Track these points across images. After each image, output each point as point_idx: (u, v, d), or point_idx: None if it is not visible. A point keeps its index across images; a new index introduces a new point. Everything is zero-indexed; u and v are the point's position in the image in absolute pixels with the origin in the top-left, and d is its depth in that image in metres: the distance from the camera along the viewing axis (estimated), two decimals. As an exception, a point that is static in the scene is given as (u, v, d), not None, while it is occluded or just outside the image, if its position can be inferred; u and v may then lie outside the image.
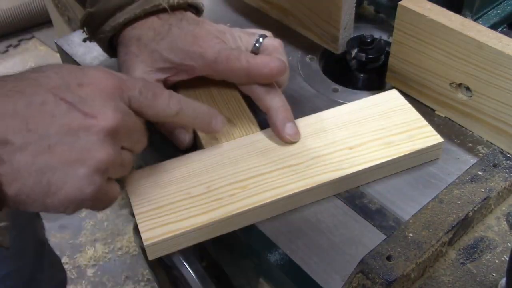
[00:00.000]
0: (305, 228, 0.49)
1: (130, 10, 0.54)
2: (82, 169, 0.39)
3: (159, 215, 0.47)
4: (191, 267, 0.66)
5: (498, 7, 0.66)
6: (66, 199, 0.39)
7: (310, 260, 0.47)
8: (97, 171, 0.40)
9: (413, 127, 0.54)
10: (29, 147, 0.37)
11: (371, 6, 0.74)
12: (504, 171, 0.49)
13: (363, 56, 0.64)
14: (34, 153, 0.38)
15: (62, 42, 0.74)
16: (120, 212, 1.56)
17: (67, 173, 0.39)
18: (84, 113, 0.40)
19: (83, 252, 1.46)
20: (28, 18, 2.11)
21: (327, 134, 0.54)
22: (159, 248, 0.47)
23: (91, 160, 0.40)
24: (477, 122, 0.56)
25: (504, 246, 0.46)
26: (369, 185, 0.52)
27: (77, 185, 0.39)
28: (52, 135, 0.38)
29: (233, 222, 0.48)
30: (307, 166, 0.51)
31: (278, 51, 0.56)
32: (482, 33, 0.51)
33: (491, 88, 0.52)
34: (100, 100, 0.41)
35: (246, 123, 0.56)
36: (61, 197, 0.39)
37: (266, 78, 0.53)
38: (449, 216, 0.45)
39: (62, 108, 0.39)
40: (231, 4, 0.78)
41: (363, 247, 0.47)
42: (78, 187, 0.39)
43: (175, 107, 0.47)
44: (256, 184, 0.49)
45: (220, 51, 0.53)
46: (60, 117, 0.39)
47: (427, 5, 0.55)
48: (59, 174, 0.38)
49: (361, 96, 0.60)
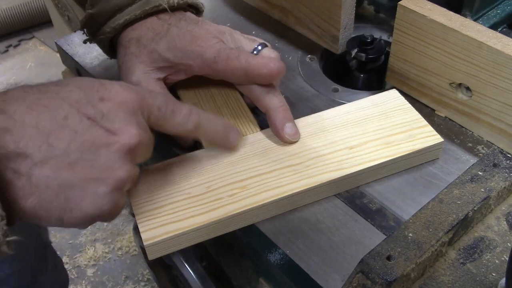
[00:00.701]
0: (305, 228, 0.49)
1: (130, 11, 0.54)
2: (102, 187, 0.39)
3: (159, 215, 0.47)
4: (191, 267, 0.66)
5: (498, 7, 0.66)
6: (84, 216, 0.39)
7: (310, 260, 0.47)
8: (116, 189, 0.40)
9: (413, 127, 0.54)
10: (49, 162, 0.37)
11: (371, 6, 0.74)
12: (504, 171, 0.49)
13: (363, 56, 0.64)
14: (54, 168, 0.37)
15: (62, 42, 0.74)
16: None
17: (86, 191, 0.39)
18: (106, 130, 0.40)
19: (83, 252, 1.46)
20: (28, 18, 2.11)
21: (327, 134, 0.54)
22: (159, 248, 0.47)
23: (112, 179, 0.40)
24: (477, 122, 0.56)
25: (504, 246, 0.46)
26: (369, 185, 0.52)
27: (96, 203, 0.39)
28: (73, 151, 0.38)
29: (233, 222, 0.48)
30: (307, 166, 0.51)
31: None
32: (482, 33, 0.51)
33: (491, 88, 0.52)
34: (122, 115, 0.41)
35: (246, 123, 0.56)
36: (78, 214, 0.39)
37: (265, 78, 0.53)
38: (449, 216, 0.45)
39: (84, 124, 0.39)
40: (231, 4, 0.78)
41: (363, 247, 0.47)
42: (97, 205, 0.39)
43: (193, 123, 0.47)
44: (256, 184, 0.49)
45: (219, 50, 0.53)
46: (82, 133, 0.39)
47: (427, 5, 0.55)
48: (78, 191, 0.38)
49: (361, 96, 0.60)
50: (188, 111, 0.47)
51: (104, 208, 0.40)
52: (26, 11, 2.09)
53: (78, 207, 0.39)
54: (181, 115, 0.46)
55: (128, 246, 1.46)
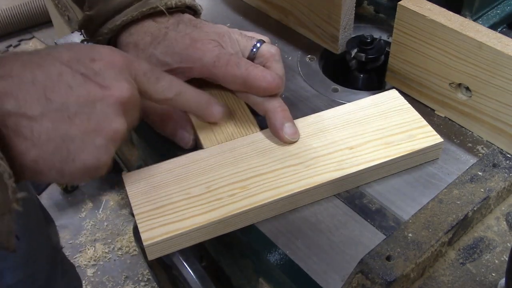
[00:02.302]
0: (305, 228, 0.49)
1: (128, 12, 0.54)
2: (99, 138, 0.41)
3: (159, 215, 0.47)
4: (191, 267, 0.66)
5: (498, 7, 0.66)
6: (83, 167, 0.41)
7: (310, 260, 0.47)
8: (112, 141, 0.42)
9: (413, 127, 0.54)
10: (48, 115, 0.38)
11: (371, 6, 0.74)
12: (503, 171, 0.49)
13: (363, 56, 0.64)
14: (54, 121, 0.39)
15: (62, 42, 0.74)
16: (120, 212, 1.56)
17: (85, 142, 0.40)
18: (99, 85, 0.41)
19: (83, 252, 1.46)
20: (28, 18, 2.11)
21: (327, 134, 0.54)
22: (159, 248, 0.47)
23: (108, 130, 0.41)
24: (476, 122, 0.56)
25: (504, 246, 0.46)
26: (369, 185, 0.52)
27: (94, 154, 0.41)
28: (70, 105, 0.39)
29: (233, 222, 0.48)
30: (307, 166, 0.51)
31: (275, 58, 0.56)
32: (481, 33, 0.51)
33: (490, 88, 0.52)
34: (112, 73, 0.43)
35: (246, 123, 0.56)
36: (78, 165, 0.40)
37: (262, 91, 0.53)
38: (449, 216, 0.45)
39: (78, 79, 0.40)
40: (231, 4, 0.78)
41: (363, 247, 0.47)
42: (96, 156, 0.41)
43: (174, 90, 0.49)
44: (256, 184, 0.49)
45: (219, 55, 0.53)
46: (77, 88, 0.40)
47: (427, 5, 0.55)
48: (77, 143, 0.40)
49: (361, 96, 0.60)
50: (170, 80, 0.49)
51: (102, 159, 0.41)
52: (26, 11, 2.09)
53: (79, 158, 0.40)
54: (163, 82, 0.48)
55: (128, 246, 1.46)
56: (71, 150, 0.40)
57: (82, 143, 0.40)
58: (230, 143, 0.54)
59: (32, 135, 0.38)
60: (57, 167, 0.40)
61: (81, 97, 0.40)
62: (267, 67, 0.55)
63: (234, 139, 0.54)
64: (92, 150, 0.41)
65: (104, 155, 0.42)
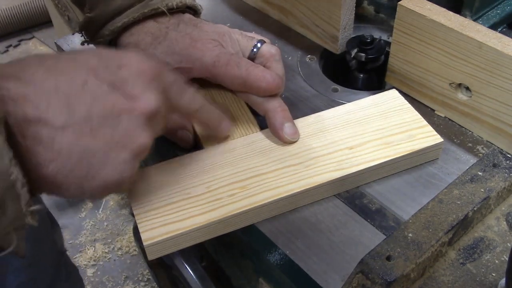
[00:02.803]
0: (305, 228, 0.49)
1: (129, 13, 0.54)
2: (123, 154, 0.39)
3: (159, 215, 0.47)
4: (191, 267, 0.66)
5: (498, 7, 0.66)
6: (104, 184, 0.38)
7: (310, 260, 0.47)
8: (137, 156, 0.40)
9: (413, 127, 0.54)
10: (71, 127, 0.36)
11: (371, 6, 0.74)
12: (503, 171, 0.49)
13: (363, 56, 0.64)
14: (76, 134, 0.36)
15: (62, 42, 0.74)
16: (120, 212, 1.56)
17: (108, 157, 0.38)
18: (126, 95, 0.39)
19: (83, 252, 1.46)
20: (28, 18, 2.11)
21: (327, 134, 0.54)
22: (159, 248, 0.47)
23: (133, 145, 0.39)
24: (476, 122, 0.56)
25: (504, 246, 0.46)
26: (369, 185, 0.52)
27: (117, 169, 0.39)
28: (94, 117, 0.37)
29: (232, 222, 0.48)
30: (307, 166, 0.51)
31: (275, 58, 0.56)
32: (482, 33, 0.51)
33: (491, 88, 0.52)
34: (140, 82, 0.40)
35: (246, 123, 0.56)
36: (99, 181, 0.38)
37: (261, 91, 0.53)
38: (449, 216, 0.45)
39: (104, 89, 0.38)
40: (231, 4, 0.78)
41: (363, 247, 0.47)
42: (118, 171, 0.39)
43: (196, 105, 0.48)
44: (256, 184, 0.49)
45: (219, 55, 0.53)
46: (102, 98, 0.38)
47: (427, 5, 0.55)
48: (100, 158, 0.38)
49: (361, 96, 0.60)
50: (194, 94, 0.47)
51: (124, 175, 0.39)
52: (26, 11, 2.09)
53: (100, 174, 0.38)
54: (188, 95, 0.46)
55: (128, 246, 1.46)
56: (93, 166, 0.37)
57: (104, 158, 0.38)
58: (230, 143, 0.54)
59: (52, 146, 0.35)
60: (76, 183, 0.37)
61: (106, 108, 0.38)
62: (267, 67, 0.55)
63: (234, 139, 0.54)
64: (115, 165, 0.38)
65: (127, 171, 0.39)
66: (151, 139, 0.41)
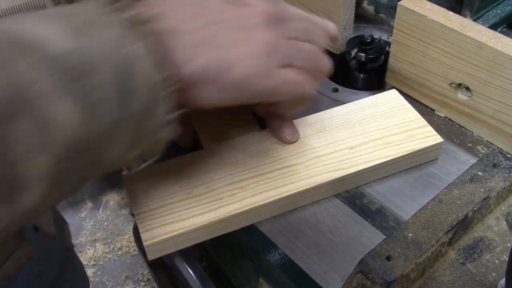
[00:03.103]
0: (305, 228, 0.49)
1: None
2: (248, 47, 0.41)
3: (159, 215, 0.47)
4: (191, 267, 0.66)
5: (498, 7, 0.66)
6: (239, 76, 0.41)
7: (310, 260, 0.47)
8: (263, 52, 0.42)
9: (413, 127, 0.54)
10: (203, 29, 0.40)
11: (371, 6, 0.74)
12: (503, 171, 0.49)
13: (363, 56, 0.64)
14: (209, 34, 0.41)
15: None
16: (120, 212, 1.56)
17: (237, 52, 0.41)
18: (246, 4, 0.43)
19: (83, 252, 1.46)
20: (28, 18, 2.11)
21: (327, 134, 0.54)
22: (159, 248, 0.47)
23: (255, 41, 0.42)
24: (477, 122, 0.56)
25: (504, 246, 0.46)
26: (369, 185, 0.52)
27: (247, 62, 0.41)
28: (219, 21, 0.41)
29: (233, 222, 0.48)
30: (307, 166, 0.51)
31: None
32: (481, 33, 0.51)
33: (490, 88, 0.52)
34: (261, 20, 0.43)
35: (246, 123, 0.56)
36: (234, 74, 0.41)
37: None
38: (449, 216, 0.45)
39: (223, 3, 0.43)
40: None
41: (363, 247, 0.47)
42: (249, 65, 0.41)
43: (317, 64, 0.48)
44: (255, 184, 0.49)
45: None
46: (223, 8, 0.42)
47: (427, 5, 0.55)
48: (230, 53, 0.41)
49: (361, 96, 0.60)
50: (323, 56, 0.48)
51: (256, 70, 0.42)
52: (26, 11, 2.09)
53: (233, 68, 0.41)
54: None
55: (128, 246, 1.47)
56: (226, 60, 0.41)
57: (234, 54, 0.41)
58: (230, 143, 0.54)
59: (189, 47, 0.40)
60: (216, 78, 0.41)
61: (228, 15, 0.42)
62: None
63: (234, 139, 0.54)
64: (244, 59, 0.41)
65: (255, 64, 0.42)
66: (275, 37, 0.42)
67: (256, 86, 0.42)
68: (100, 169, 0.37)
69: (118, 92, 0.34)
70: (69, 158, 0.33)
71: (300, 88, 0.45)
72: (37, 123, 0.31)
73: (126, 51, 0.35)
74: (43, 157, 0.31)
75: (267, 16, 0.43)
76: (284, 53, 0.43)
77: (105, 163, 0.37)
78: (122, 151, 0.37)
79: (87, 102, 0.33)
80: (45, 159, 0.31)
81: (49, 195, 0.33)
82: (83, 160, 0.35)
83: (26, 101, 0.30)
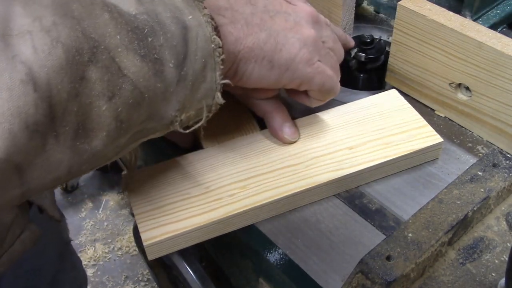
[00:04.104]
0: (305, 228, 0.49)
1: None
2: (296, 35, 0.48)
3: (159, 215, 0.47)
4: (191, 267, 0.66)
5: (498, 7, 0.66)
6: (288, 57, 0.47)
7: (310, 260, 0.47)
8: (305, 43, 0.48)
9: (413, 127, 0.54)
10: (256, 14, 0.47)
11: (371, 6, 0.74)
12: (503, 171, 0.49)
13: (362, 56, 0.64)
14: (262, 18, 0.47)
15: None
16: (120, 212, 1.56)
17: (287, 37, 0.47)
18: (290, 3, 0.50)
19: (83, 252, 1.46)
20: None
21: (327, 134, 0.54)
22: (158, 248, 0.47)
23: (301, 32, 0.48)
24: (477, 122, 0.56)
25: (504, 246, 0.46)
26: (369, 185, 0.52)
27: (296, 46, 0.47)
28: (270, 10, 0.48)
29: (232, 222, 0.48)
30: (306, 166, 0.51)
31: None
32: (481, 33, 0.51)
33: (491, 88, 0.52)
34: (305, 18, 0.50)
35: (246, 123, 0.56)
36: (285, 54, 0.47)
37: None
38: (449, 216, 0.45)
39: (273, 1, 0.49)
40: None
41: (363, 247, 0.47)
42: (297, 47, 0.47)
43: None
44: (255, 184, 0.49)
45: None
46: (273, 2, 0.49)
47: (427, 5, 0.55)
48: (281, 36, 0.47)
49: (361, 96, 0.60)
50: None
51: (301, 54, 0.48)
52: None
53: (285, 47, 0.47)
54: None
55: (128, 246, 1.47)
56: (278, 41, 0.47)
57: (284, 37, 0.47)
58: (230, 143, 0.54)
59: (248, 25, 0.45)
60: (269, 55, 0.46)
61: (277, 6, 0.49)
62: None
63: (234, 139, 0.54)
64: (293, 43, 0.47)
65: (301, 50, 0.47)
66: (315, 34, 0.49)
67: (299, 71, 0.48)
68: (152, 130, 0.41)
69: (178, 54, 0.39)
70: (133, 107, 0.36)
71: (331, 81, 0.51)
72: (112, 70, 0.34)
73: (190, 18, 0.40)
74: (113, 103, 0.35)
75: (311, 17, 0.50)
76: (320, 50, 0.49)
77: (160, 120, 0.40)
78: (175, 111, 0.40)
79: (153, 58, 0.37)
80: (113, 105, 0.35)
81: (111, 143, 0.36)
82: (144, 112, 0.38)
83: (105, 49, 0.34)
